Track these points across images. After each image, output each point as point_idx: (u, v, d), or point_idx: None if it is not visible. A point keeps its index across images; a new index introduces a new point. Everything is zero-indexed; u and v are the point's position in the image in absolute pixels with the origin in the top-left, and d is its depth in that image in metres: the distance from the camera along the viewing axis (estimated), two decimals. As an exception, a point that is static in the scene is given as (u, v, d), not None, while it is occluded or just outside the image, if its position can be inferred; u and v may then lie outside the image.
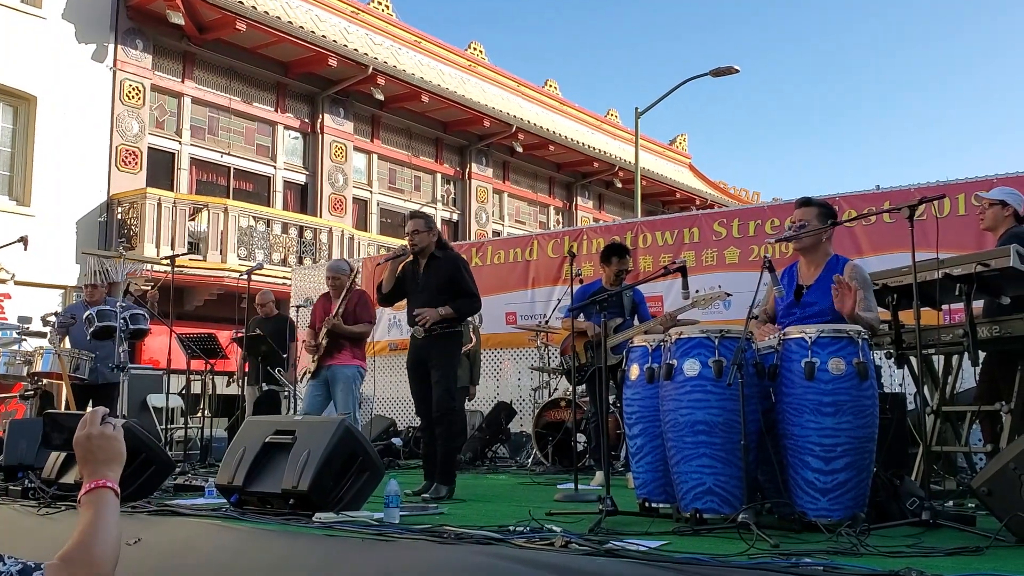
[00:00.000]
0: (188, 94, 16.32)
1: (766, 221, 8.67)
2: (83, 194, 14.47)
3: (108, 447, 1.77)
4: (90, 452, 1.75)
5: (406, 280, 5.82)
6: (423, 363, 5.66)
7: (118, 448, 1.78)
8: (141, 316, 7.50)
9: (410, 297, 5.80)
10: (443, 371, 5.60)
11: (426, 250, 5.72)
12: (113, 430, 1.79)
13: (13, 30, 13.86)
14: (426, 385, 5.67)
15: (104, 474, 1.74)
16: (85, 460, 1.75)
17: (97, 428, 1.77)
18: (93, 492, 1.71)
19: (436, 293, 5.61)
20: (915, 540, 3.21)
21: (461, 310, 5.68)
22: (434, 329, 5.55)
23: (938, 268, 4.16)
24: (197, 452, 8.65)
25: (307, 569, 2.99)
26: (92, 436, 1.76)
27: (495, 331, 10.29)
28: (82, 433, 1.77)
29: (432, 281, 5.67)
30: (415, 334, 5.67)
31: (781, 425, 3.75)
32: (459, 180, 21.66)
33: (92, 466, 1.74)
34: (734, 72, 17.19)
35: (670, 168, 27.87)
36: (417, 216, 5.86)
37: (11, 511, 4.60)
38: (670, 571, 2.56)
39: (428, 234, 5.72)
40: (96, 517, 1.67)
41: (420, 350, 5.67)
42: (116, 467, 1.76)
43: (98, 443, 1.76)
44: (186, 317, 14.51)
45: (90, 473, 1.74)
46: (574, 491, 5.27)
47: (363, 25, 19.72)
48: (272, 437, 4.38)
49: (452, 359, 5.74)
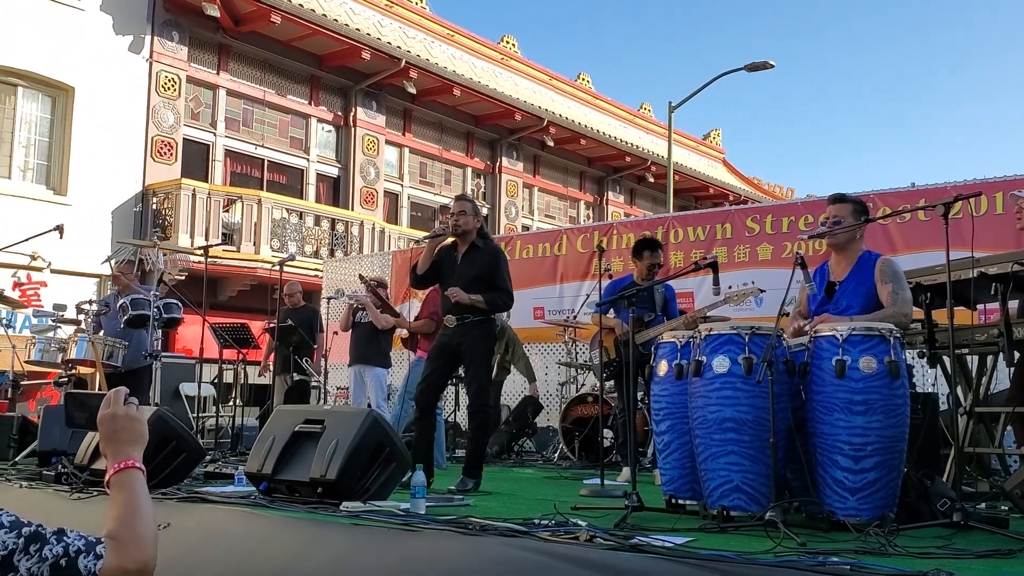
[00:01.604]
0: (223, 86, 16.46)
1: (800, 217, 8.58)
2: (119, 184, 14.65)
3: (132, 428, 1.78)
4: (114, 432, 1.77)
5: (443, 264, 5.69)
6: (452, 351, 5.58)
7: (141, 429, 1.79)
8: (175, 305, 7.58)
9: (444, 283, 5.67)
10: (477, 367, 5.55)
11: (467, 235, 5.62)
12: (136, 411, 1.80)
13: (52, 22, 14.06)
14: (443, 375, 5.62)
15: (130, 454, 1.75)
16: (110, 439, 1.76)
17: (122, 408, 1.78)
18: (123, 472, 1.72)
19: (471, 282, 5.50)
20: (945, 542, 3.16)
21: (494, 303, 5.58)
22: (467, 317, 5.48)
23: (973, 267, 4.10)
24: (228, 440, 8.74)
25: (332, 557, 3.01)
26: (117, 416, 1.77)
27: (523, 325, 10.28)
28: (107, 412, 1.78)
29: (469, 270, 5.56)
30: (447, 323, 5.58)
31: (811, 423, 3.72)
32: (489, 174, 21.66)
33: (117, 446, 1.76)
34: (769, 67, 17.02)
35: (703, 163, 27.67)
36: (464, 199, 5.77)
37: (44, 496, 4.67)
38: (695, 567, 2.54)
39: (473, 218, 5.63)
40: (133, 496, 1.69)
41: (450, 336, 5.56)
42: (140, 447, 1.78)
43: (123, 423, 1.77)
44: (219, 307, 14.66)
45: (115, 453, 1.75)
46: (600, 486, 5.26)
47: (396, 18, 19.76)
48: (301, 426, 4.41)
49: (486, 353, 5.67)
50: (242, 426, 9.16)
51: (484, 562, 2.73)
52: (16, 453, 6.62)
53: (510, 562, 2.69)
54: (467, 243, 5.64)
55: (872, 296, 4.18)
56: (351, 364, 8.06)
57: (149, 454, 4.86)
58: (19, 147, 14.07)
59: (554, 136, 21.51)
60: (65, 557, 1.53)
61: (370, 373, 7.80)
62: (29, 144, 14.22)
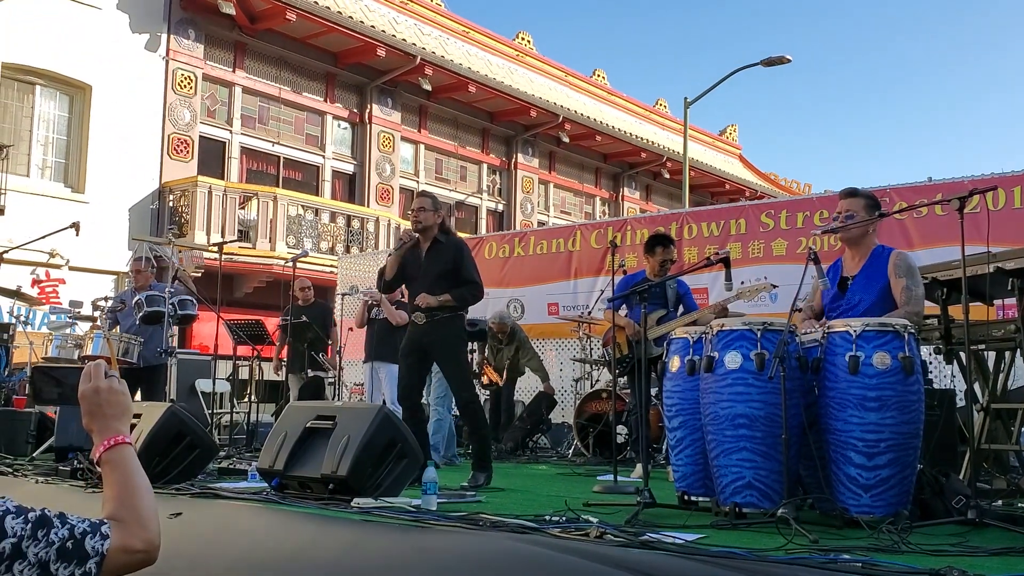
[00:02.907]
0: (239, 84, 16.52)
1: (815, 213, 8.52)
2: (136, 182, 14.74)
3: (117, 401, 1.70)
4: (99, 406, 1.69)
5: (408, 265, 5.64)
6: (422, 349, 5.55)
7: (126, 401, 1.72)
8: (189, 302, 7.61)
9: (410, 283, 5.66)
10: (454, 363, 5.57)
11: (429, 231, 5.56)
12: (118, 383, 1.73)
13: (69, 20, 14.15)
14: (417, 372, 5.61)
15: (119, 429, 1.68)
16: (94, 414, 1.69)
17: (104, 381, 1.71)
18: (115, 449, 1.65)
19: (436, 279, 5.47)
20: (959, 539, 3.13)
21: (462, 298, 5.53)
22: (436, 314, 5.45)
23: (988, 262, 4.06)
24: (243, 437, 8.77)
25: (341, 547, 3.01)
26: (101, 389, 1.70)
27: (537, 321, 10.29)
28: (89, 386, 1.70)
29: (433, 267, 5.52)
30: (416, 319, 5.53)
31: (824, 420, 3.69)
32: (505, 170, 21.65)
33: (104, 420, 1.68)
34: (786, 62, 16.90)
35: (719, 159, 27.55)
36: (425, 195, 5.73)
37: (60, 490, 4.70)
38: (705, 564, 2.52)
39: (433, 214, 5.56)
40: (128, 474, 1.64)
41: (421, 335, 5.51)
42: (127, 420, 1.71)
43: (107, 396, 1.69)
44: (236, 304, 14.74)
45: (102, 429, 1.67)
46: (613, 483, 5.24)
47: (412, 15, 19.78)
48: (313, 422, 4.42)
49: (458, 349, 5.68)
50: (257, 422, 9.20)
51: (493, 557, 2.72)
52: (34, 449, 6.67)
53: (519, 557, 2.68)
54: (429, 239, 5.58)
55: (885, 291, 4.15)
56: (366, 360, 8.07)
57: (163, 449, 4.89)
58: (37, 145, 14.18)
59: (570, 132, 21.47)
60: (72, 539, 1.49)
61: (385, 370, 7.81)
62: (47, 142, 14.33)
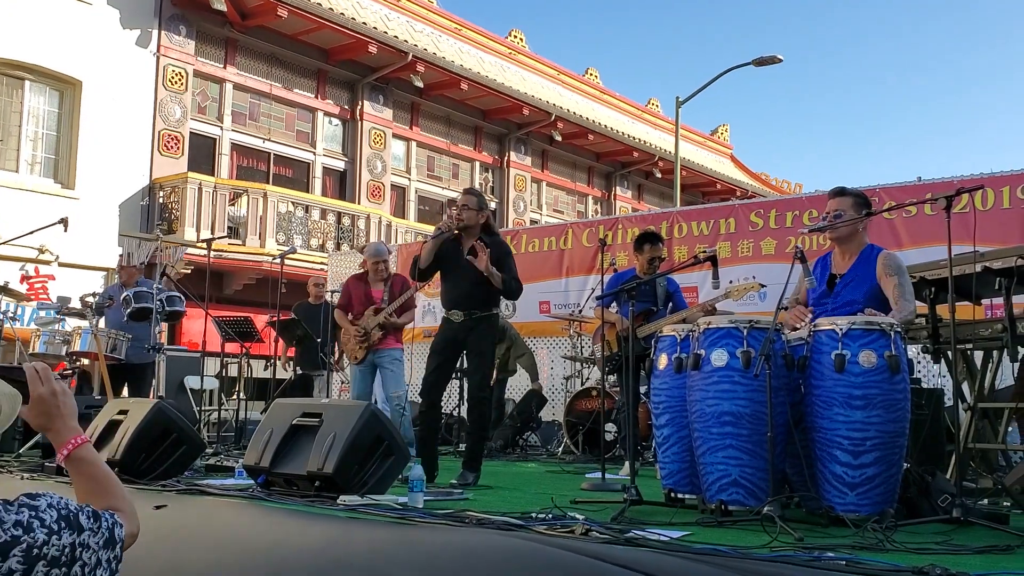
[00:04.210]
0: (230, 80, 16.47)
1: (804, 212, 8.54)
2: (126, 178, 14.68)
3: (69, 402, 1.75)
4: (57, 408, 1.72)
5: (446, 258, 5.55)
6: (455, 344, 5.53)
7: (73, 402, 1.77)
8: (177, 299, 7.60)
9: (448, 276, 5.59)
10: (481, 359, 5.52)
11: (472, 230, 5.49)
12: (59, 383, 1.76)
13: (60, 16, 14.08)
14: (446, 370, 5.59)
15: (76, 428, 1.73)
16: (54, 416, 1.72)
17: (58, 384, 1.74)
18: (82, 448, 1.71)
19: (478, 279, 5.36)
20: (944, 537, 3.13)
21: (508, 284, 5.46)
22: (474, 312, 5.42)
23: (975, 261, 4.07)
24: (232, 434, 8.74)
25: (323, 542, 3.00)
26: (57, 392, 1.73)
27: (529, 320, 10.28)
28: (45, 390, 1.72)
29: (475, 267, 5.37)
30: (451, 317, 5.50)
31: (809, 418, 3.69)
32: (497, 168, 21.64)
33: (63, 421, 1.72)
34: (777, 61, 16.94)
35: (711, 159, 27.58)
36: (471, 192, 5.66)
37: (45, 486, 4.67)
38: (689, 561, 2.52)
39: (477, 213, 5.51)
40: (102, 470, 1.71)
41: (456, 331, 5.47)
42: (75, 419, 1.75)
43: (63, 398, 1.73)
44: (225, 301, 14.69)
45: (65, 429, 1.71)
46: (601, 480, 5.24)
47: (404, 12, 19.75)
48: (299, 419, 4.40)
49: (491, 347, 5.65)
50: (246, 420, 9.17)
51: (479, 549, 2.71)
52: (21, 445, 6.64)
53: (505, 549, 2.67)
54: (472, 238, 5.49)
55: (875, 291, 4.16)
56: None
57: (149, 445, 4.86)
58: (27, 141, 14.11)
59: (562, 131, 21.47)
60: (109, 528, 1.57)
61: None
62: (37, 138, 14.26)
